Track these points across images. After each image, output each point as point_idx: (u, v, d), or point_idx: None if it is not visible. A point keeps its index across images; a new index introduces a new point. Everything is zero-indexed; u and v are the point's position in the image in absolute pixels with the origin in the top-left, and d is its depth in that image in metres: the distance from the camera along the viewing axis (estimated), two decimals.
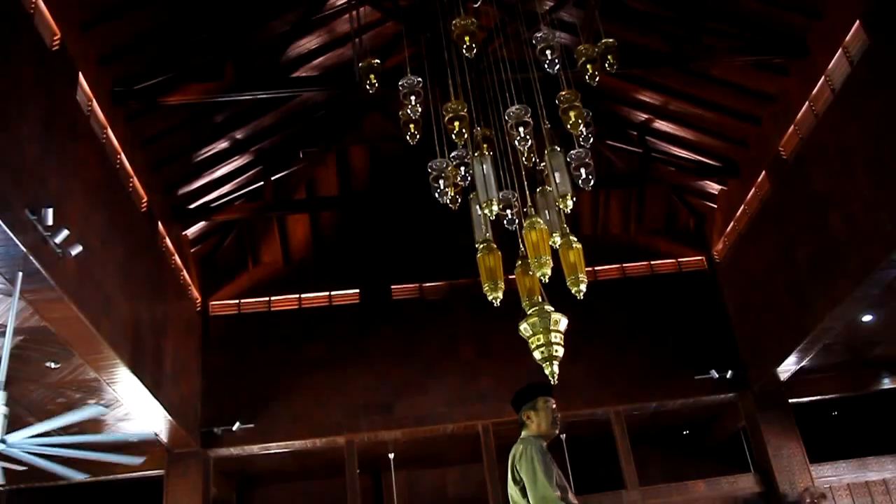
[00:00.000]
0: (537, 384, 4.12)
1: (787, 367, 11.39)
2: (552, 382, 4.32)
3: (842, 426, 14.11)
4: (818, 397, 12.88)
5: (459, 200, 4.76)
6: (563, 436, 13.26)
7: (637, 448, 12.12)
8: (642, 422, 12.86)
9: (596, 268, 13.00)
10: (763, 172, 11.22)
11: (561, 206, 4.47)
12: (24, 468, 7.53)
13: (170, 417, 10.12)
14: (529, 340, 4.38)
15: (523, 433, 4.06)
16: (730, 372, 12.12)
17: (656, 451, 13.97)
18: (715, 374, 12.08)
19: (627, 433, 12.14)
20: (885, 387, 12.73)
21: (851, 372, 12.56)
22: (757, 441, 12.27)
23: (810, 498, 11.48)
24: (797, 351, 10.79)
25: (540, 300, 4.50)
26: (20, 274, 6.29)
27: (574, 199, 4.45)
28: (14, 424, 6.94)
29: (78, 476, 7.89)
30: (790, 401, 12.32)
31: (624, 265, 13.57)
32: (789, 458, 11.87)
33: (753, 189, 11.63)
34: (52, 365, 8.85)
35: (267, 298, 13.12)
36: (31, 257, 6.12)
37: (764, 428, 12.02)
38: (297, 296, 13.17)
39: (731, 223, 12.58)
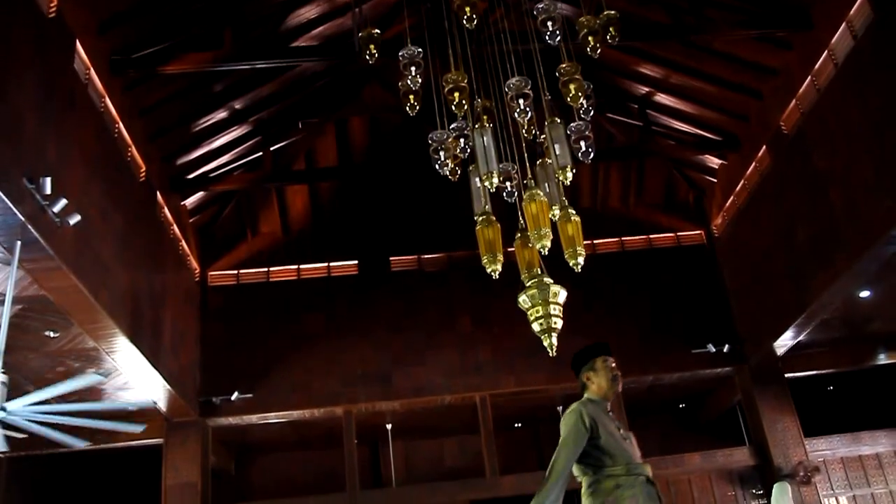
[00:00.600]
0: (595, 345, 4.11)
1: (784, 342, 11.44)
2: (551, 354, 4.34)
3: (837, 401, 14.20)
4: (814, 372, 12.96)
5: (459, 172, 4.76)
6: (560, 408, 13.34)
7: (633, 420, 12.21)
8: (639, 395, 12.93)
9: (595, 241, 13.01)
10: (763, 147, 11.19)
11: (561, 179, 4.47)
12: (24, 436, 7.59)
13: (168, 387, 10.17)
14: (528, 312, 4.40)
15: (584, 396, 4.02)
16: (727, 346, 12.17)
17: (653, 424, 14.05)
18: (712, 348, 12.13)
19: (624, 406, 12.21)
20: (881, 362, 12.80)
21: (848, 347, 12.62)
22: (752, 415, 12.35)
23: (804, 471, 11.59)
24: (794, 326, 10.83)
25: (539, 272, 4.51)
26: (18, 243, 6.29)
27: (574, 171, 4.44)
28: (13, 392, 6.98)
29: (78, 444, 7.95)
30: (786, 375, 12.39)
31: (622, 239, 13.57)
32: (784, 431, 11.97)
33: (754, 164, 11.60)
34: (51, 334, 8.88)
35: (266, 269, 13.13)
36: (29, 226, 6.11)
37: (759, 402, 12.10)
38: (296, 267, 13.19)
39: (731, 198, 12.57)
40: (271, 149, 12.09)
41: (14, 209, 5.89)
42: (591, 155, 4.57)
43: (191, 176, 11.53)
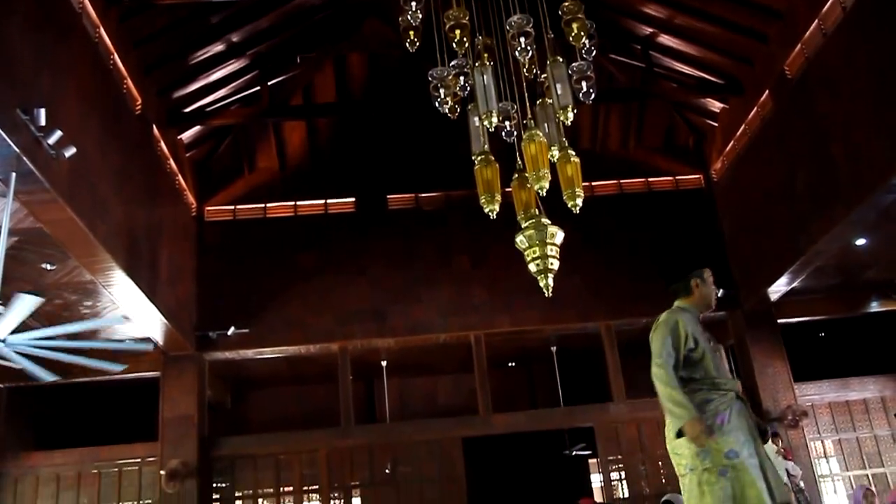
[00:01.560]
0: (701, 257, 4.23)
1: (779, 288, 11.50)
2: (547, 295, 4.36)
3: (828, 347, 14.34)
4: (807, 318, 13.04)
5: (458, 111, 4.71)
6: (554, 349, 13.48)
7: (626, 362, 12.33)
8: (632, 337, 13.01)
9: (593, 183, 12.96)
10: (766, 91, 11.07)
11: (561, 119, 4.43)
12: (23, 368, 7.66)
13: (165, 321, 10.23)
14: (525, 253, 4.41)
15: (677, 303, 4.10)
16: (721, 291, 12.17)
17: (645, 365, 14.16)
18: None
19: (617, 347, 12.34)
20: (874, 310, 12.88)
21: (841, 294, 12.69)
22: (744, 359, 12.49)
23: (792, 415, 11.77)
24: (789, 272, 10.88)
25: (536, 213, 4.51)
26: (14, 175, 6.24)
27: (574, 112, 4.40)
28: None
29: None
30: (779, 321, 12.49)
31: (621, 181, 13.53)
32: (774, 376, 12.12)
33: (756, 108, 11.50)
34: (48, 267, 8.89)
35: (262, 205, 13.09)
36: (24, 158, 6.07)
37: (751, 346, 12.22)
38: (293, 203, 13.15)
39: (731, 142, 12.49)
40: (269, 83, 11.95)
41: (8, 140, 5.84)
42: (593, 96, 4.53)
43: (187, 110, 11.41)
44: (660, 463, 12.16)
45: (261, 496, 12.05)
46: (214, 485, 11.87)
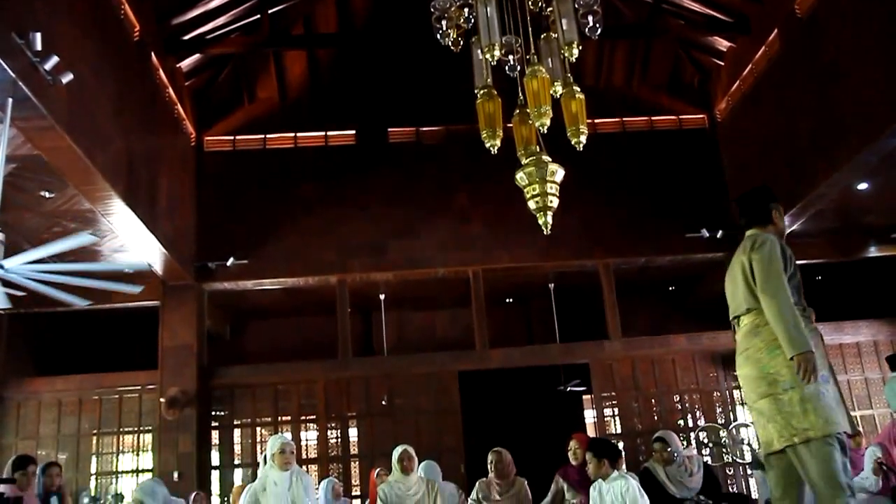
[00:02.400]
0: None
1: None
2: (545, 232, 4.35)
3: (824, 290, 14.39)
4: (804, 262, 13.04)
5: (462, 43, 4.62)
6: (552, 286, 13.55)
7: (623, 301, 12.42)
8: (630, 276, 13.09)
9: (595, 120, 12.82)
10: (775, 31, 10.89)
11: (566, 55, 4.36)
12: (24, 293, 7.71)
13: (164, 250, 10.25)
14: (525, 190, 4.38)
15: (750, 232, 4.07)
16: (720, 232, 12.23)
17: (641, 305, 14.30)
18: (706, 232, 12.17)
19: (615, 286, 12.40)
20: (871, 255, 12.89)
21: (839, 238, 12.69)
22: None
23: None
24: (789, 215, 10.84)
25: (537, 150, 4.47)
26: (10, 100, 6.18)
27: (580, 48, 4.32)
28: (12, 251, 7.05)
29: (76, 302, 8.10)
30: None
31: (624, 119, 13.42)
32: None
33: (763, 48, 11.33)
34: (47, 194, 8.87)
35: (262, 136, 12.99)
36: (20, 83, 5.99)
37: None
38: (293, 134, 13.05)
39: (737, 82, 12.34)
40: (269, 11, 11.75)
41: (3, 65, 5.76)
42: (599, 31, 4.43)
43: (186, 37, 11.23)
44: (653, 400, 12.34)
45: (259, 425, 12.25)
46: (213, 413, 12.07)
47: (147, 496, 6.21)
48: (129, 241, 9.78)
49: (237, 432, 12.25)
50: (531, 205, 4.37)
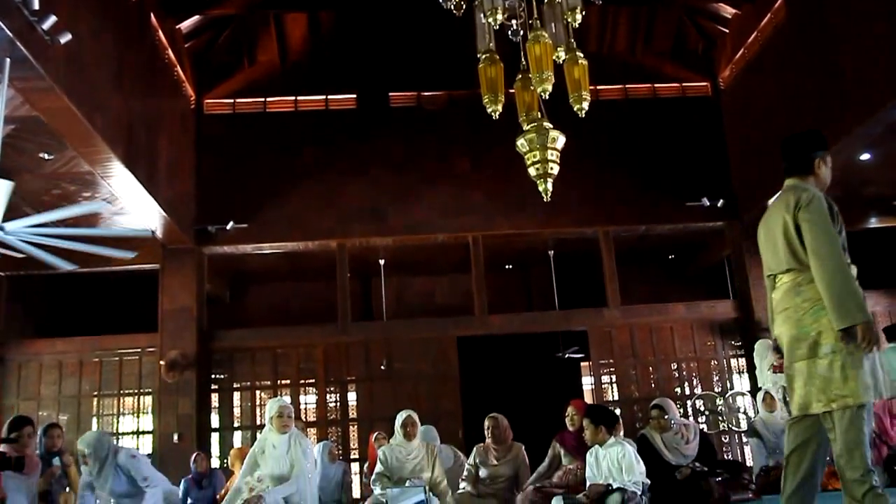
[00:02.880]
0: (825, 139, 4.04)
1: None
2: (545, 199, 4.35)
3: None
4: None
5: (464, 7, 4.57)
6: (551, 253, 13.55)
7: (622, 269, 12.43)
8: (629, 244, 13.09)
9: (598, 87, 12.72)
10: None
11: (569, 20, 4.32)
12: (23, 255, 7.71)
13: (164, 214, 10.24)
14: (525, 156, 4.37)
15: (790, 182, 3.97)
16: (721, 201, 12.21)
17: (641, 273, 14.31)
18: (706, 201, 12.15)
19: (614, 254, 12.40)
20: (872, 226, 12.88)
21: (841, 209, 12.56)
22: (739, 270, 12.56)
23: None
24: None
25: (538, 116, 4.45)
26: (7, 60, 6.13)
27: (583, 13, 4.29)
28: (11, 213, 7.04)
29: (67, 266, 8.10)
30: None
31: (627, 86, 13.32)
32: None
33: (769, 15, 11.21)
34: (46, 156, 8.83)
35: (262, 99, 12.91)
36: (17, 43, 5.94)
37: (748, 258, 12.25)
38: (294, 98, 12.97)
39: (741, 50, 12.23)
40: None
41: (1, 24, 5.70)
42: None
43: None
44: (650, 368, 12.41)
45: (258, 388, 12.34)
46: (213, 376, 12.13)
47: (88, 447, 6.13)
48: (129, 204, 9.76)
49: (237, 395, 12.33)
50: (532, 171, 4.36)
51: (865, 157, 10.48)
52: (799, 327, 3.65)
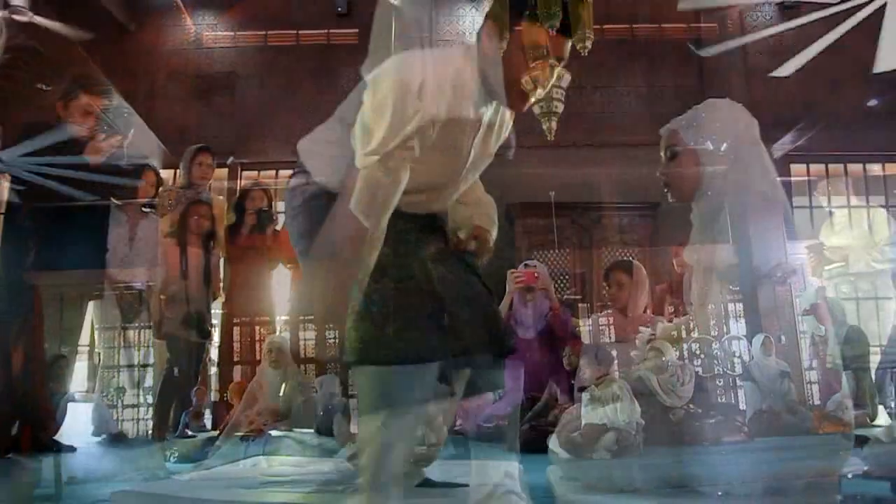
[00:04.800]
0: None
1: (783, 146, 11.40)
2: (549, 138, 4.30)
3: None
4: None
5: None
6: (551, 193, 13.45)
7: (623, 213, 12.42)
8: (634, 187, 13.03)
9: (604, 25, 12.47)
10: None
11: None
12: (23, 187, 7.67)
13: (162, 145, 10.17)
14: (529, 94, 4.32)
15: None
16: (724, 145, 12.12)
17: (644, 219, 14.24)
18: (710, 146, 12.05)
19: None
20: None
21: None
22: (741, 218, 12.51)
23: (781, 272, 11.93)
24: (796, 129, 10.75)
25: (544, 54, 4.38)
26: None
27: None
28: (8, 145, 6.99)
29: (82, 196, 8.06)
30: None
31: (633, 26, 13.08)
32: (771, 231, 12.18)
33: None
34: (44, 87, 8.73)
35: (263, 32, 12.70)
36: None
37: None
38: (295, 31, 12.76)
39: None
40: None
41: None
42: None
43: None
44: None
45: (258, 324, 12.31)
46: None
47: None
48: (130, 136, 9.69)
49: (236, 330, 12.39)
50: (536, 109, 4.31)
51: (873, 103, 10.40)
52: None
